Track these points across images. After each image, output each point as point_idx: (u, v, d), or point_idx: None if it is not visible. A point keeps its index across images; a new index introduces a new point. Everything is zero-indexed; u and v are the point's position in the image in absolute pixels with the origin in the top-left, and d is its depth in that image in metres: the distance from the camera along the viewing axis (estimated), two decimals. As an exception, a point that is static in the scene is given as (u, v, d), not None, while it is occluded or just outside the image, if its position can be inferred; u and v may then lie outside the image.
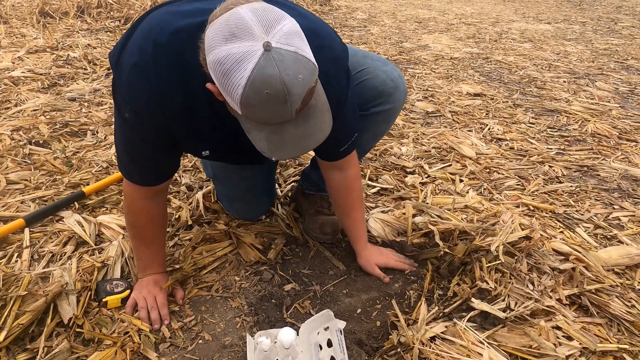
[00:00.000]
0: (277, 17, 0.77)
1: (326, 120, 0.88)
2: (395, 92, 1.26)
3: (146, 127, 0.99)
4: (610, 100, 3.02)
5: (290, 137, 0.84)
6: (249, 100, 0.75)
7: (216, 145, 1.08)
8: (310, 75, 0.77)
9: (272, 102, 0.75)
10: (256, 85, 0.73)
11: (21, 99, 2.51)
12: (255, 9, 0.77)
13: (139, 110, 0.96)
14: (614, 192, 1.88)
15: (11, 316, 1.06)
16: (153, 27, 0.93)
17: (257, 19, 0.75)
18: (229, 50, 0.74)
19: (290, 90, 0.75)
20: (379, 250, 1.40)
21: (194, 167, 1.92)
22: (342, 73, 1.05)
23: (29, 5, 4.79)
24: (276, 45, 0.73)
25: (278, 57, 0.73)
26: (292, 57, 0.74)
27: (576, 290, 1.26)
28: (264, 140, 0.84)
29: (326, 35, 1.02)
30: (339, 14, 6.23)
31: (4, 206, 1.57)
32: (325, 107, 0.88)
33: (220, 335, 1.13)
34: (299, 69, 0.75)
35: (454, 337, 1.12)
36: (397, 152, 2.14)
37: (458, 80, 3.36)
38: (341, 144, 1.17)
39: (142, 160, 1.08)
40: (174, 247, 1.43)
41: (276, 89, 0.74)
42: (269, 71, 0.73)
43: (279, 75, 0.73)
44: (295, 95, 0.76)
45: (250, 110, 0.78)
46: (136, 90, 0.93)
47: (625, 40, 5.08)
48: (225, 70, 0.75)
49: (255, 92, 0.74)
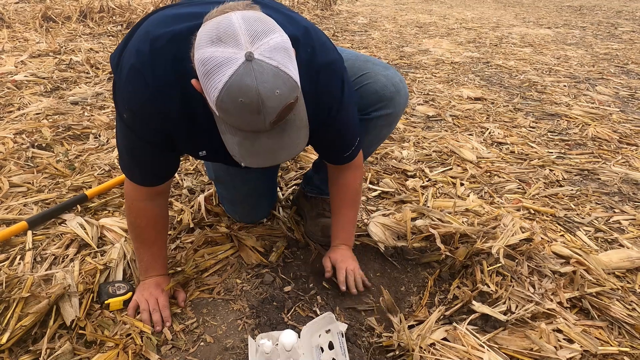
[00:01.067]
0: (266, 30, 0.78)
1: (302, 136, 0.89)
2: (397, 96, 1.27)
3: (144, 127, 1.00)
4: (611, 104, 3.03)
5: (262, 147, 0.85)
6: (223, 104, 0.77)
7: (213, 146, 1.08)
8: (288, 92, 0.78)
9: (245, 111, 0.77)
10: (232, 91, 0.75)
11: (24, 103, 2.52)
12: (248, 18, 0.78)
13: (137, 111, 0.98)
14: (614, 196, 1.88)
15: (14, 318, 1.07)
16: (150, 30, 0.95)
17: (246, 28, 0.76)
18: (212, 53, 0.76)
19: (264, 103, 0.75)
20: (346, 255, 1.32)
21: (196, 170, 1.93)
22: (336, 79, 1.05)
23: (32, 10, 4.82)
24: (258, 57, 0.74)
25: (258, 69, 0.74)
26: (273, 71, 0.75)
27: (577, 294, 1.27)
28: (236, 145, 0.86)
29: (320, 42, 1.02)
30: (340, 18, 6.26)
31: (7, 209, 1.58)
32: (303, 123, 0.88)
33: (222, 337, 1.14)
34: (277, 83, 0.75)
35: (455, 340, 1.12)
36: (398, 156, 2.15)
37: (459, 85, 3.37)
38: (345, 150, 1.18)
39: (142, 161, 1.09)
40: (176, 250, 1.44)
41: (250, 99, 0.75)
42: (245, 80, 0.74)
43: (255, 86, 0.74)
44: (270, 109, 0.77)
45: (224, 114, 0.80)
46: (134, 90, 0.95)
47: (625, 45, 5.10)
48: (206, 71, 0.76)
49: (230, 98, 0.75)
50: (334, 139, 0.94)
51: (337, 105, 1.06)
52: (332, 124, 1.07)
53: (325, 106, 1.02)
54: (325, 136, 1.11)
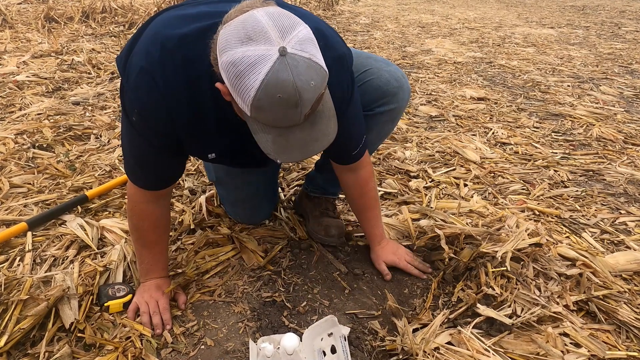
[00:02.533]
0: (292, 23, 0.78)
1: (332, 125, 0.89)
2: (400, 91, 1.27)
3: (152, 130, 0.99)
4: (615, 104, 3.01)
5: (296, 141, 0.84)
6: (260, 102, 0.76)
7: (222, 148, 1.08)
8: (321, 82, 0.78)
9: (283, 106, 0.76)
10: (269, 89, 0.74)
11: (25, 103, 2.52)
12: (272, 14, 0.78)
13: (146, 114, 0.96)
14: (620, 197, 1.86)
15: (12, 320, 1.06)
16: (159, 31, 0.94)
17: (274, 24, 0.76)
18: (244, 53, 0.74)
19: (302, 96, 0.76)
20: (393, 248, 1.39)
21: (197, 171, 1.92)
22: (347, 73, 1.06)
23: (34, 11, 4.82)
24: (291, 51, 0.74)
25: (292, 63, 0.74)
26: (306, 63, 0.75)
27: (583, 296, 1.25)
28: (270, 143, 0.85)
29: (331, 36, 1.02)
30: (342, 18, 6.24)
31: (7, 210, 1.57)
32: (331, 112, 0.88)
33: (223, 340, 1.12)
34: (311, 75, 0.76)
35: (459, 344, 1.11)
36: (401, 156, 2.13)
37: (461, 85, 3.35)
38: (352, 147, 1.18)
39: (147, 164, 1.08)
40: (177, 252, 1.42)
41: (289, 94, 0.75)
42: (283, 76, 0.73)
43: (292, 80, 0.74)
44: (307, 101, 0.77)
45: (260, 112, 0.79)
46: (143, 93, 0.94)
47: (629, 45, 5.07)
48: (238, 72, 0.75)
49: (267, 96, 0.75)
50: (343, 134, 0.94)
51: (347, 99, 1.07)
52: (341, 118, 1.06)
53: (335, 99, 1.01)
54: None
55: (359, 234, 1.52)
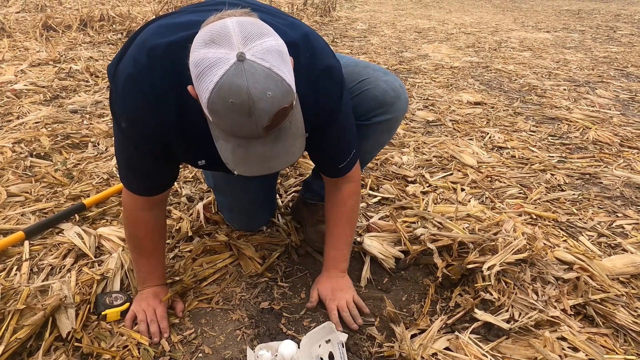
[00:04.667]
0: (260, 33, 0.77)
1: (297, 144, 0.87)
2: (397, 101, 1.26)
3: (141, 136, 1.00)
4: (611, 107, 3.02)
5: (256, 155, 0.83)
6: (214, 106, 0.76)
7: (210, 155, 1.07)
8: (281, 95, 0.76)
9: (236, 113, 0.75)
10: (222, 92, 0.73)
11: (23, 112, 2.52)
12: (243, 22, 0.78)
13: (134, 120, 0.97)
14: (617, 200, 1.86)
15: (9, 330, 1.05)
16: (147, 39, 0.95)
17: (240, 30, 0.76)
18: (205, 54, 0.75)
19: (255, 104, 0.74)
20: (337, 285, 1.25)
21: (195, 178, 1.92)
22: (335, 84, 1.03)
23: (32, 19, 4.84)
24: (250, 58, 0.73)
25: (249, 70, 0.73)
26: (265, 72, 0.74)
27: (581, 300, 1.25)
28: (229, 152, 0.84)
29: (319, 47, 1.01)
30: (339, 24, 6.28)
31: (4, 219, 1.57)
32: (299, 131, 0.86)
33: (221, 348, 1.12)
34: (269, 85, 0.74)
35: (457, 350, 1.10)
36: (398, 162, 2.13)
37: (458, 89, 3.37)
38: (338, 160, 1.15)
39: (140, 170, 1.09)
40: (174, 259, 1.42)
41: (241, 100, 0.73)
42: (236, 81, 0.73)
43: (246, 86, 0.73)
44: (261, 111, 0.75)
45: (216, 117, 0.79)
46: (131, 100, 0.95)
47: (624, 48, 5.10)
48: (198, 73, 0.76)
49: (220, 99, 0.74)
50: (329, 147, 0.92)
51: (335, 111, 1.05)
52: (327, 130, 1.06)
53: (322, 111, 1.01)
54: (321, 143, 1.09)
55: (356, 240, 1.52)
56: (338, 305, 1.21)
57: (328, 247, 1.29)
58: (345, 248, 1.28)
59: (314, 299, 1.25)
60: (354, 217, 1.27)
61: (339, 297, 1.22)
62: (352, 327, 1.18)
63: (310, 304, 1.25)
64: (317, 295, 1.26)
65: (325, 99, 1.00)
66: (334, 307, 1.20)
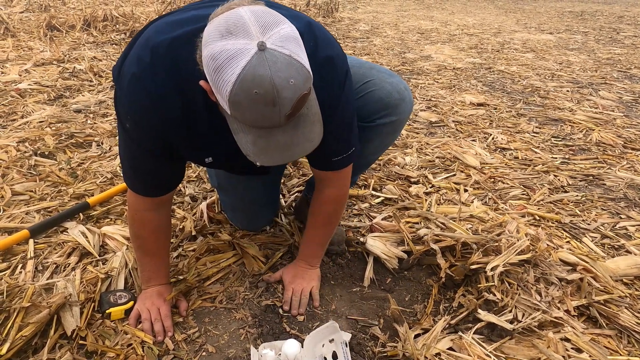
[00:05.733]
0: (276, 20, 0.77)
1: (316, 130, 0.87)
2: (401, 103, 1.25)
3: (146, 135, 0.99)
4: (614, 109, 3.02)
5: (277, 144, 0.83)
6: (237, 98, 0.75)
7: (217, 152, 1.07)
8: (302, 82, 0.76)
9: (261, 103, 0.74)
10: (245, 83, 0.72)
11: (27, 111, 2.53)
12: (256, 11, 0.77)
13: (139, 120, 0.97)
14: (620, 202, 1.86)
15: (14, 328, 1.06)
16: (150, 38, 0.94)
17: (256, 19, 0.75)
18: (223, 46, 0.74)
19: (280, 93, 0.73)
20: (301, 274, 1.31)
21: (198, 178, 1.93)
22: (338, 74, 1.02)
23: (36, 19, 4.86)
24: (271, 47, 0.73)
25: (271, 58, 0.72)
26: (286, 60, 0.73)
27: (584, 301, 1.25)
28: (250, 144, 0.83)
29: (322, 36, 1.00)
30: (341, 25, 6.28)
31: (9, 217, 1.58)
32: (316, 117, 0.86)
33: (224, 347, 1.12)
34: (291, 72, 0.74)
35: (461, 350, 1.11)
36: (401, 162, 2.14)
37: (461, 90, 3.37)
38: (334, 153, 1.10)
39: (144, 171, 1.08)
40: (178, 258, 1.43)
41: (265, 90, 0.73)
42: (259, 71, 0.72)
43: (269, 76, 0.72)
44: (285, 99, 0.75)
45: (238, 110, 0.77)
46: (135, 99, 0.94)
47: (627, 50, 5.09)
48: (217, 66, 0.74)
49: (244, 91, 0.73)
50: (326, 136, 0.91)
51: (336, 100, 1.03)
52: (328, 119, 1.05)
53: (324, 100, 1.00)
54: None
55: (359, 241, 1.52)
56: (294, 288, 1.28)
57: (303, 244, 1.35)
58: (317, 248, 1.33)
59: (273, 277, 1.34)
60: (331, 222, 1.28)
61: (297, 283, 1.29)
62: (292, 311, 1.24)
63: (267, 277, 1.34)
64: (280, 276, 1.34)
65: (327, 88, 0.99)
66: (290, 289, 1.29)
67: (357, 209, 1.73)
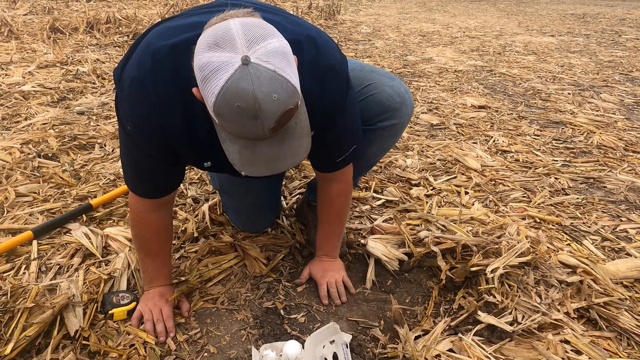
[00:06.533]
0: (264, 34, 0.77)
1: (303, 144, 0.88)
2: (402, 107, 1.26)
3: (146, 139, 1.01)
4: (616, 112, 3.02)
5: (262, 156, 0.84)
6: (220, 110, 0.77)
7: (216, 157, 1.08)
8: (287, 97, 0.76)
9: (243, 116, 0.76)
10: (228, 96, 0.74)
11: (31, 113, 2.55)
12: (246, 24, 0.78)
13: (139, 123, 0.98)
14: (621, 204, 1.86)
15: (18, 328, 1.07)
16: (152, 42, 0.96)
17: (244, 33, 0.76)
18: (209, 58, 0.75)
19: (261, 107, 0.75)
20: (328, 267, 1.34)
21: (200, 180, 1.94)
22: (340, 81, 1.04)
23: (39, 22, 4.89)
24: (255, 61, 0.74)
25: (254, 73, 0.73)
26: (270, 75, 0.74)
27: (584, 304, 1.25)
28: (236, 154, 0.85)
29: (323, 44, 1.01)
30: (343, 27, 6.30)
31: (12, 218, 1.59)
32: (305, 131, 0.87)
33: (226, 348, 1.13)
34: (274, 87, 0.74)
35: (461, 352, 1.11)
36: (402, 165, 2.14)
37: (462, 93, 3.38)
38: (338, 155, 1.15)
39: (145, 173, 1.10)
40: (180, 260, 1.44)
41: (247, 104, 0.74)
42: (242, 85, 0.73)
43: (252, 90, 0.73)
44: (267, 113, 0.76)
45: (222, 120, 0.79)
46: (136, 103, 0.96)
47: (629, 53, 5.09)
48: (204, 77, 0.76)
49: (226, 103, 0.75)
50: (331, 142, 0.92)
51: (341, 108, 1.05)
52: (332, 126, 1.06)
53: (328, 108, 1.01)
54: (325, 138, 1.09)
55: (360, 243, 1.53)
56: (328, 281, 1.31)
57: (320, 238, 1.36)
58: (336, 239, 1.36)
59: (304, 277, 1.35)
60: (343, 213, 1.33)
61: (330, 276, 1.32)
62: (336, 301, 1.28)
63: (299, 281, 1.34)
64: (308, 274, 1.35)
65: (331, 96, 1.00)
66: (323, 283, 1.30)
67: (358, 211, 1.73)
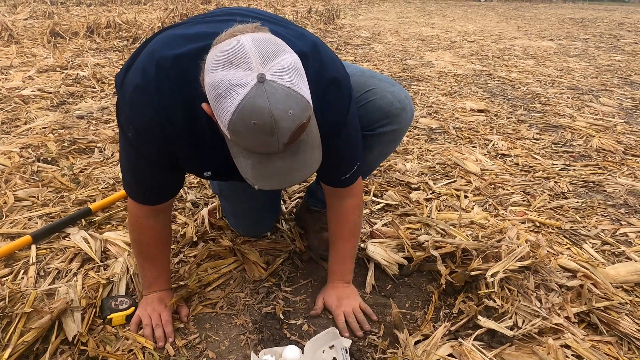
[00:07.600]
0: (277, 50, 0.78)
1: (315, 156, 0.88)
2: (402, 113, 1.25)
3: (148, 146, 1.00)
4: (615, 115, 3.03)
5: (275, 169, 0.84)
6: (236, 127, 0.77)
7: (217, 166, 1.08)
8: (301, 112, 0.77)
9: (259, 133, 0.76)
10: (244, 114, 0.74)
11: (31, 117, 2.55)
12: (258, 40, 0.78)
13: (141, 130, 0.97)
14: (620, 208, 1.86)
15: (16, 333, 1.06)
16: (156, 50, 0.95)
17: (257, 50, 0.76)
18: (223, 76, 0.75)
19: (278, 124, 0.75)
20: (343, 294, 1.27)
21: (200, 184, 1.94)
22: (343, 95, 1.04)
23: (40, 26, 4.91)
24: (270, 78, 0.74)
25: (270, 90, 0.74)
26: (285, 91, 0.75)
27: (585, 308, 1.25)
28: (249, 168, 0.85)
29: (327, 58, 1.02)
30: (343, 32, 6.32)
31: (11, 223, 1.59)
32: (316, 143, 0.88)
33: (225, 353, 1.13)
34: (290, 104, 0.75)
35: (461, 357, 1.11)
36: (402, 168, 2.14)
37: (462, 97, 3.38)
38: (343, 171, 1.15)
39: (144, 180, 1.09)
40: (179, 264, 1.43)
41: (264, 121, 0.74)
42: (258, 102, 0.73)
43: (268, 107, 0.74)
44: (283, 129, 0.76)
45: (237, 137, 0.79)
46: (138, 110, 0.95)
47: (628, 56, 5.11)
48: (217, 95, 0.76)
49: (242, 121, 0.75)
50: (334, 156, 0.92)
51: (342, 122, 1.06)
52: (334, 141, 1.06)
53: (329, 122, 1.02)
54: (326, 153, 1.10)
55: (360, 247, 1.53)
56: (344, 311, 1.22)
57: (333, 261, 1.30)
58: (350, 262, 1.30)
59: (318, 307, 1.26)
60: (356, 231, 1.29)
61: (345, 304, 1.24)
62: (357, 333, 1.18)
63: (315, 312, 1.26)
64: (322, 303, 1.27)
65: (333, 111, 1.00)
66: (340, 313, 1.22)
67: (357, 215, 1.73)
